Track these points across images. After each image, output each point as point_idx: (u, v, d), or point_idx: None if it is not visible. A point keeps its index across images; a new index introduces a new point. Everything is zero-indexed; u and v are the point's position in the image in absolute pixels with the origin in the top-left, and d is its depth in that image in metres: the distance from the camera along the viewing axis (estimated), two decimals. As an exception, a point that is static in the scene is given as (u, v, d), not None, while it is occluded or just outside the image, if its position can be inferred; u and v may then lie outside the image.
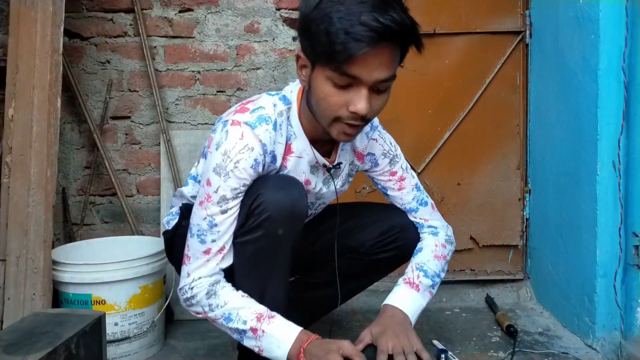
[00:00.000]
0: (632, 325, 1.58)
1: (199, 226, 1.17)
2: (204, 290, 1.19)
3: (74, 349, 1.03)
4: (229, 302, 1.18)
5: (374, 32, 0.96)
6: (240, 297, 1.19)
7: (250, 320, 1.16)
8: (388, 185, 1.42)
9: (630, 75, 1.54)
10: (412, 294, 1.32)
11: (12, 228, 1.59)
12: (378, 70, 1.03)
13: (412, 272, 1.35)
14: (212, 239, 1.17)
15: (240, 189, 1.15)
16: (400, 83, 2.05)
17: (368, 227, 1.43)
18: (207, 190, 1.15)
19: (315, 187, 1.31)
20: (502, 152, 2.14)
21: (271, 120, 1.17)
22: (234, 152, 1.12)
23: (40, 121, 1.64)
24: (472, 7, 2.09)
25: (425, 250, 1.39)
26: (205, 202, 1.15)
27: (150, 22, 2.07)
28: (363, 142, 1.38)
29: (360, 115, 1.06)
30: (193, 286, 1.19)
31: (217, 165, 1.13)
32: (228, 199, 1.14)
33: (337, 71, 1.02)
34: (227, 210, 1.15)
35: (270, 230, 1.14)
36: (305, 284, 1.54)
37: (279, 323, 1.17)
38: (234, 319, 1.17)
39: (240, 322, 1.16)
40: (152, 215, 2.11)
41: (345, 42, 0.97)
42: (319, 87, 1.08)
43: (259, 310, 1.17)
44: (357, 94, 1.05)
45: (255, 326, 1.15)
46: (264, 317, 1.16)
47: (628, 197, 1.57)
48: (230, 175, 1.13)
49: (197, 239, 1.18)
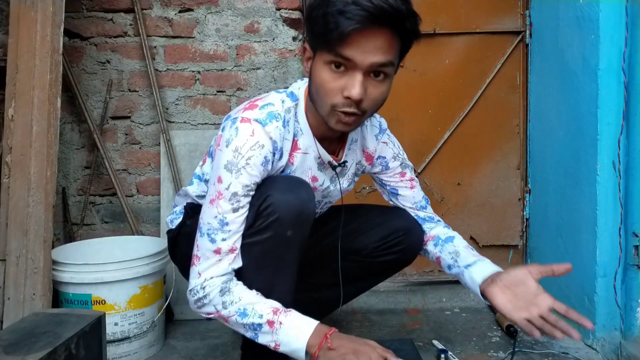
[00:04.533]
0: (632, 325, 1.58)
1: (210, 225, 1.16)
2: (217, 288, 1.16)
3: (74, 349, 1.03)
4: (243, 297, 1.16)
5: (365, 11, 0.99)
6: (254, 294, 1.18)
7: (267, 314, 1.14)
8: (400, 185, 1.44)
9: (630, 75, 1.54)
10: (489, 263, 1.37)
11: (12, 228, 1.59)
12: (372, 53, 1.04)
13: (473, 251, 1.41)
14: (222, 237, 1.15)
15: (251, 186, 1.14)
16: (400, 83, 2.07)
17: (371, 230, 1.44)
18: (218, 188, 1.14)
19: (323, 185, 1.31)
20: (502, 152, 2.14)
21: (280, 117, 1.17)
22: (245, 149, 1.12)
23: (40, 121, 1.64)
24: (472, 7, 2.09)
25: (458, 237, 1.46)
26: (216, 200, 1.14)
27: (150, 22, 2.07)
28: (373, 144, 1.38)
29: (354, 100, 1.06)
30: (205, 286, 1.17)
31: (228, 162, 1.13)
32: (239, 195, 1.13)
33: (332, 53, 1.04)
34: (238, 208, 1.14)
35: (278, 232, 1.14)
36: (308, 284, 1.53)
37: (297, 315, 1.16)
38: (250, 314, 1.15)
39: (256, 317, 1.14)
40: (152, 215, 2.11)
41: (338, 20, 1.00)
42: (318, 74, 1.09)
43: (275, 305, 1.17)
44: (352, 78, 1.06)
45: (272, 319, 1.14)
46: (281, 311, 1.15)
47: (628, 197, 1.57)
48: (242, 172, 1.12)
49: (207, 238, 1.16)
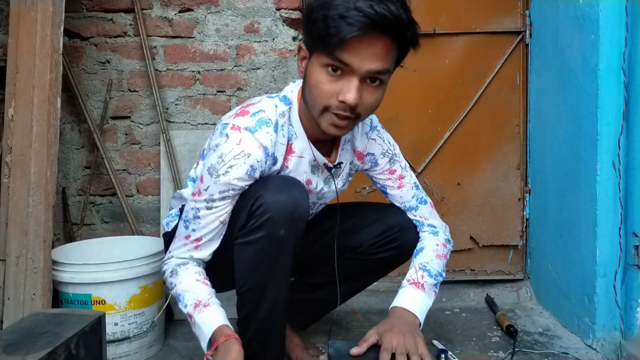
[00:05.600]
0: (632, 325, 1.58)
1: (187, 214, 1.24)
2: (170, 268, 1.26)
3: (74, 349, 1.03)
4: (181, 282, 1.22)
5: (367, 18, 0.99)
6: (193, 281, 1.21)
7: (190, 306, 1.19)
8: (387, 183, 1.42)
9: (630, 75, 1.54)
10: (418, 294, 1.30)
11: (12, 228, 1.59)
12: (370, 60, 1.04)
13: (415, 272, 1.33)
14: (192, 228, 1.22)
15: (228, 192, 1.17)
16: (400, 83, 2.07)
17: (367, 227, 1.43)
18: (199, 186, 1.20)
19: (317, 187, 1.32)
20: (502, 152, 2.13)
21: (272, 122, 1.18)
22: (229, 157, 1.14)
23: (40, 121, 1.64)
24: (472, 7, 2.08)
25: (427, 250, 1.38)
26: (196, 195, 1.20)
27: (150, 22, 2.07)
28: (363, 142, 1.38)
29: (349, 105, 1.07)
30: (166, 262, 1.28)
31: (211, 166, 1.16)
32: (215, 199, 1.17)
33: (330, 56, 1.04)
34: (212, 207, 1.18)
35: (271, 231, 1.14)
36: (305, 284, 1.54)
37: (208, 314, 1.17)
38: (182, 301, 1.21)
39: (183, 305, 1.21)
40: (152, 215, 2.11)
41: (339, 25, 1.00)
42: (313, 75, 1.09)
43: (199, 297, 1.19)
44: (348, 83, 1.06)
45: (191, 312, 1.19)
46: (200, 305, 1.18)
47: (628, 197, 1.57)
48: (221, 179, 1.15)
49: (183, 223, 1.25)
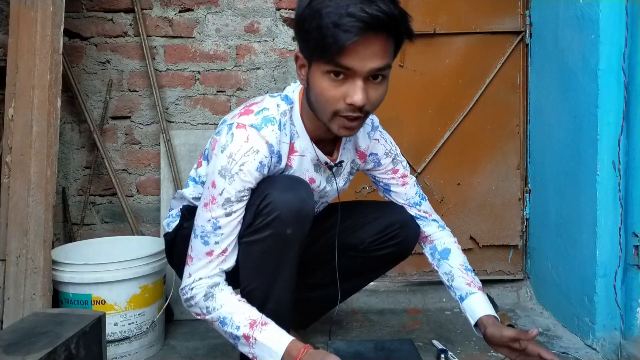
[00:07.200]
0: (632, 325, 1.58)
1: (203, 228, 1.17)
2: (202, 292, 1.18)
3: (74, 349, 1.03)
4: (224, 305, 1.17)
5: (362, 22, 0.99)
6: (236, 302, 1.17)
7: (244, 327, 1.14)
8: (391, 182, 1.44)
9: (630, 75, 1.54)
10: (485, 297, 1.37)
11: (12, 228, 1.59)
12: (371, 59, 1.04)
13: (467, 275, 1.39)
14: (215, 240, 1.17)
15: (244, 192, 1.15)
16: (400, 83, 2.07)
17: (367, 225, 1.44)
18: (211, 193, 1.15)
19: (320, 186, 1.32)
20: (502, 152, 2.13)
21: (276, 120, 1.18)
22: (239, 155, 1.13)
23: (40, 121, 1.64)
24: (472, 7, 2.08)
25: (454, 250, 1.44)
26: (210, 204, 1.16)
27: (150, 22, 2.07)
28: (365, 142, 1.39)
29: (357, 106, 1.07)
30: (193, 287, 1.19)
31: (222, 168, 1.14)
32: (233, 201, 1.14)
33: (331, 63, 1.04)
34: (231, 213, 1.15)
35: (278, 230, 1.14)
36: (305, 284, 1.53)
37: (272, 332, 1.14)
38: (228, 323, 1.16)
39: (234, 327, 1.15)
40: (152, 215, 2.11)
41: (335, 34, 1.00)
42: (316, 83, 1.09)
43: (252, 316, 1.15)
44: (353, 85, 1.06)
45: (247, 333, 1.14)
46: (257, 324, 1.14)
47: (628, 197, 1.57)
48: (235, 178, 1.13)
49: (201, 240, 1.18)
